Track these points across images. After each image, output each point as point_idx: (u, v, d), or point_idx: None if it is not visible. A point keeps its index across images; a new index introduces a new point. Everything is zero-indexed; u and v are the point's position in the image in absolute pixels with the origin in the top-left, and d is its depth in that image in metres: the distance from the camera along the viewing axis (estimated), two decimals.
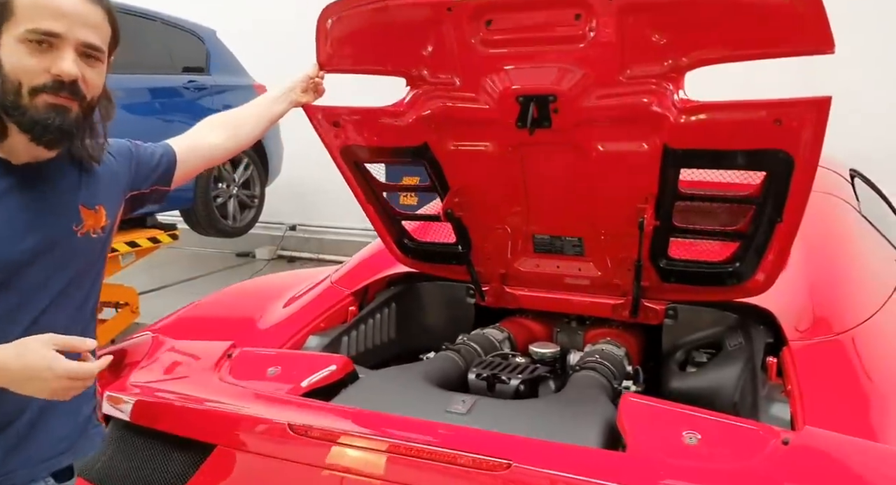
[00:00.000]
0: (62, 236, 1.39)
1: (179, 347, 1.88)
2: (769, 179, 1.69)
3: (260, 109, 1.88)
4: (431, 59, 1.76)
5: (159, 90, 5.29)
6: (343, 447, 1.39)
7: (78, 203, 1.43)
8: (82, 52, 1.32)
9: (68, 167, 1.43)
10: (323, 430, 1.42)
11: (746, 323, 2.00)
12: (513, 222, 2.13)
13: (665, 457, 1.36)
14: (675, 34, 1.53)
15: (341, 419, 1.48)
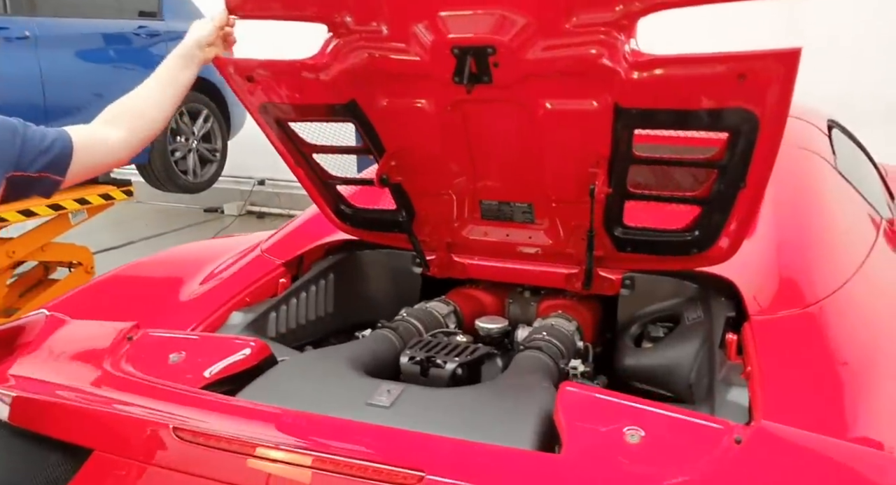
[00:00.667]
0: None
1: (74, 329, 1.69)
2: (732, 141, 1.51)
3: (163, 85, 1.62)
4: (355, 3, 1.55)
5: (105, 36, 4.99)
6: (231, 455, 1.21)
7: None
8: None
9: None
10: (211, 434, 1.24)
11: (707, 294, 1.83)
12: (457, 187, 1.94)
13: (603, 460, 1.20)
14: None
15: (238, 419, 1.31)
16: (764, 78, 1.36)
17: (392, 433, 1.27)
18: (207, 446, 1.23)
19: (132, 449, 1.28)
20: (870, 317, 1.71)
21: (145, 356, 1.56)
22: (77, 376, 1.50)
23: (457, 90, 1.61)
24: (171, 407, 1.35)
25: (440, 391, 1.53)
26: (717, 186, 1.63)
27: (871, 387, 1.44)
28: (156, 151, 5.27)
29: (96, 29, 4.90)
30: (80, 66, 4.71)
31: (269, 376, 1.55)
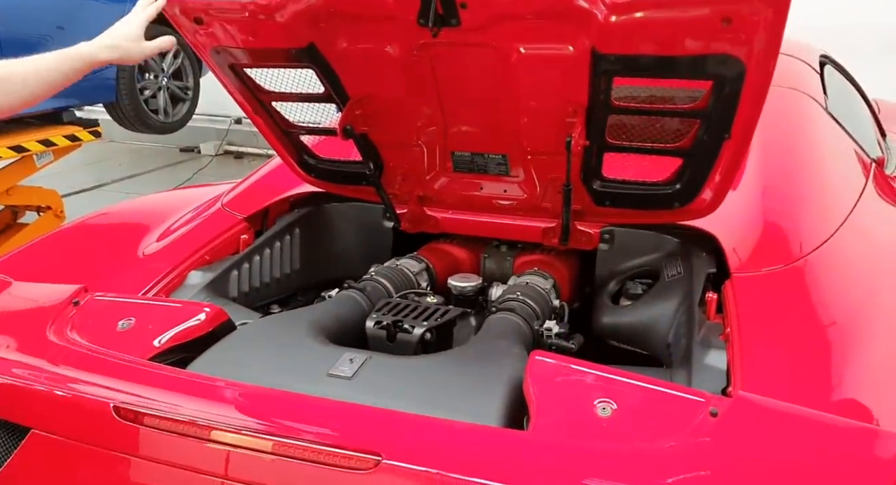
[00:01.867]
0: None
1: (16, 291, 1.59)
2: (717, 89, 1.41)
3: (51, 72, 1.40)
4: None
5: None
6: (176, 437, 1.14)
7: None
8: None
9: None
10: (154, 415, 1.16)
11: (688, 249, 1.75)
12: (427, 138, 1.84)
13: (572, 437, 1.14)
14: None
15: (185, 396, 1.23)
16: (751, 22, 1.26)
17: (351, 411, 1.19)
18: (149, 426, 1.15)
19: (71, 429, 1.20)
20: (858, 271, 1.64)
21: (92, 323, 1.47)
22: (16, 345, 1.40)
23: (423, 33, 1.49)
24: (115, 382, 1.27)
25: (406, 360, 1.45)
26: (700, 137, 1.53)
27: (857, 349, 1.38)
28: (123, 89, 5.05)
29: None
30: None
31: (223, 345, 1.46)
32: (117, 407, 1.17)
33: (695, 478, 1.04)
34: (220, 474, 1.11)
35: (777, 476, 1.04)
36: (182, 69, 5.63)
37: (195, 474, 1.12)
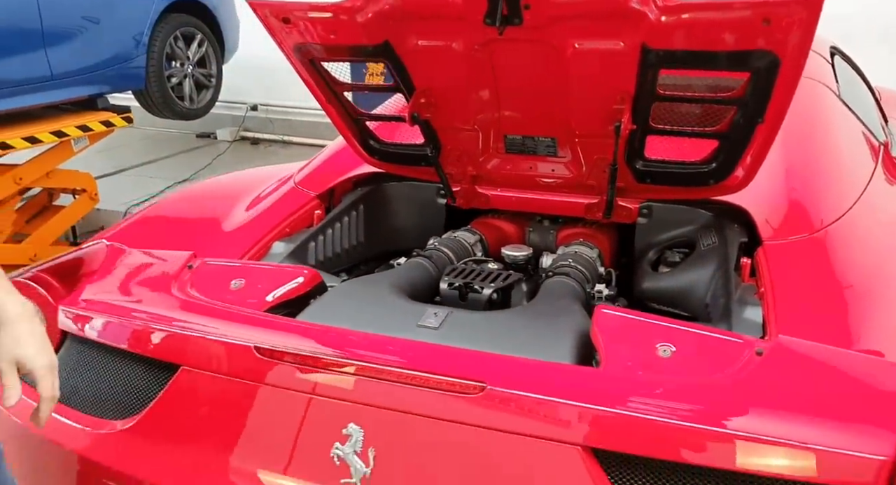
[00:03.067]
0: None
1: (136, 257, 1.80)
2: (753, 80, 1.61)
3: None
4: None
5: None
6: (311, 369, 1.36)
7: None
8: None
9: None
10: (290, 352, 1.38)
11: (721, 222, 1.96)
12: (483, 123, 2.03)
13: (639, 372, 1.35)
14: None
15: (309, 339, 1.44)
16: (787, 22, 1.45)
17: (450, 350, 1.41)
18: (287, 362, 1.37)
19: (218, 366, 1.42)
20: (870, 242, 1.85)
21: (208, 283, 1.68)
22: (150, 300, 1.62)
23: (487, 31, 1.68)
24: (244, 328, 1.48)
25: (482, 314, 1.67)
26: (736, 121, 1.73)
27: (873, 306, 1.59)
28: (152, 77, 5.25)
29: None
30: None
31: (322, 302, 1.68)
32: (258, 347, 1.39)
33: (745, 403, 1.26)
34: (349, 397, 1.33)
35: (816, 400, 1.26)
36: (206, 57, 5.82)
37: (327, 399, 1.34)
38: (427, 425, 1.30)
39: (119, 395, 1.55)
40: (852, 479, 1.12)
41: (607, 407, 1.24)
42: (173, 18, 5.38)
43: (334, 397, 1.34)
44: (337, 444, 1.32)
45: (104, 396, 1.57)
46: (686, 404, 1.26)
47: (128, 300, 1.64)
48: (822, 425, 1.19)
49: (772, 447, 1.15)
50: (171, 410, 1.45)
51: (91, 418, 1.55)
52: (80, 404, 1.58)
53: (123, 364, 1.56)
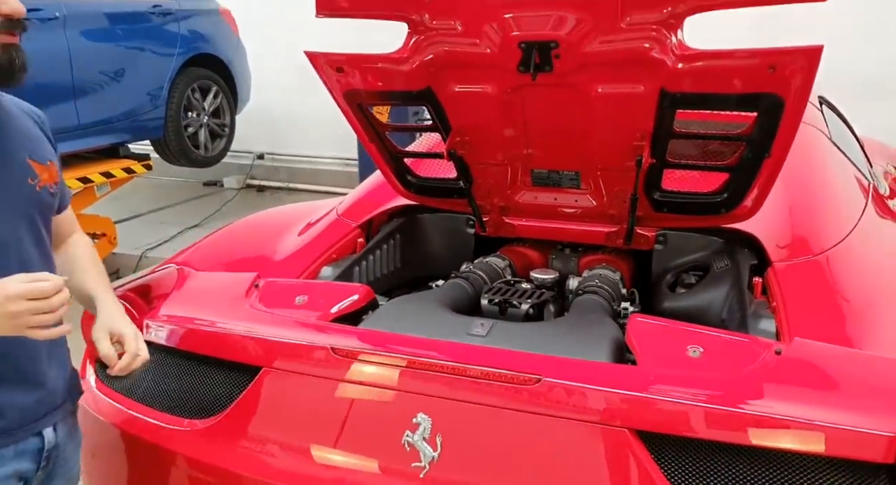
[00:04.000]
0: (18, 190, 1.39)
1: (206, 278, 1.98)
2: (760, 119, 1.80)
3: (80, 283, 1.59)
4: (433, 4, 1.79)
5: (124, 16, 5.15)
6: (384, 367, 1.53)
7: (26, 156, 1.42)
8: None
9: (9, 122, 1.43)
10: (363, 351, 1.55)
11: (732, 247, 2.16)
12: (512, 159, 2.21)
13: (672, 369, 1.53)
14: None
15: (377, 341, 1.61)
16: (791, 68, 1.64)
17: (503, 352, 1.59)
18: (360, 360, 1.54)
19: (298, 365, 1.59)
20: (865, 264, 2.05)
21: (275, 299, 1.86)
22: (227, 313, 1.79)
23: (520, 77, 1.86)
24: (318, 333, 1.65)
25: (523, 324, 1.85)
26: (745, 156, 1.93)
27: (871, 317, 1.79)
28: (170, 126, 5.49)
29: (116, 8, 5.06)
30: (102, 44, 4.89)
31: (378, 315, 1.86)
32: (334, 348, 1.56)
33: (767, 392, 1.43)
34: (418, 391, 1.49)
35: (829, 389, 1.44)
36: (220, 108, 6.08)
37: (397, 392, 1.51)
38: (489, 413, 1.46)
39: (201, 396, 1.71)
40: (865, 453, 1.29)
41: (649, 395, 1.41)
42: (191, 72, 5.65)
43: (404, 390, 1.51)
44: (407, 432, 1.48)
45: (186, 398, 1.72)
46: (716, 392, 1.44)
47: (206, 313, 1.81)
48: (837, 408, 1.37)
49: (793, 428, 1.32)
50: (253, 406, 1.61)
51: (175, 418, 1.70)
52: (164, 405, 1.73)
53: (204, 369, 1.72)
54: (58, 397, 1.47)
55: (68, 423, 1.53)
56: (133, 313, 1.79)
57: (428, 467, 1.46)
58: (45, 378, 1.44)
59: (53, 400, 1.46)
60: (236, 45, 6.24)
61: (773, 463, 1.34)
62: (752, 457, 1.35)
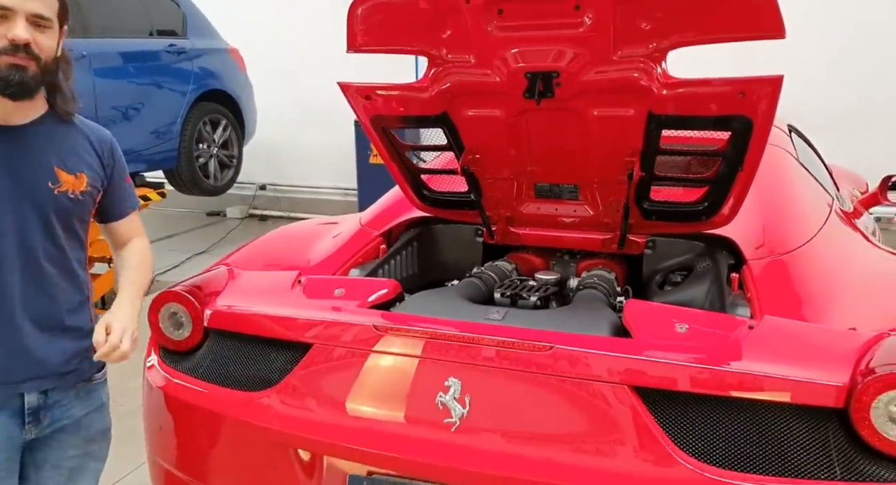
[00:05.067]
0: (39, 192, 1.70)
1: (253, 276, 2.26)
2: (733, 138, 2.08)
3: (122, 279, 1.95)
4: (450, 41, 2.03)
5: (143, 54, 5.49)
6: (419, 340, 1.80)
7: (54, 164, 1.73)
8: (33, 21, 1.63)
9: (45, 133, 1.74)
10: (401, 328, 1.83)
11: (712, 249, 2.46)
12: (518, 174, 2.48)
13: (662, 340, 1.82)
14: (657, 22, 1.84)
15: (411, 321, 1.89)
16: (757, 94, 1.91)
17: (517, 329, 1.87)
18: (399, 335, 1.82)
19: (345, 341, 1.86)
20: (826, 262, 2.35)
21: (317, 291, 2.14)
22: (277, 302, 2.06)
23: (525, 103, 2.12)
24: (359, 315, 1.93)
25: (533, 311, 2.14)
26: (721, 170, 2.23)
27: (826, 302, 2.07)
28: (183, 157, 5.79)
29: (135, 47, 5.40)
30: (123, 81, 5.22)
31: (405, 304, 2.14)
32: (376, 325, 1.84)
33: (742, 354, 1.71)
34: (449, 359, 1.77)
35: (793, 353, 1.72)
36: (229, 140, 6.40)
37: (431, 359, 1.78)
38: (509, 376, 1.74)
39: (256, 371, 1.97)
40: (821, 400, 1.57)
41: (645, 357, 1.70)
42: (203, 106, 5.98)
43: (436, 358, 1.78)
44: (440, 393, 1.75)
45: (244, 373, 1.98)
46: (699, 355, 1.72)
47: (259, 303, 2.08)
48: (798, 366, 1.65)
49: (764, 382, 1.61)
50: (306, 377, 1.88)
51: (235, 391, 1.96)
52: (223, 381, 1.99)
53: (260, 348, 1.99)
54: (48, 369, 1.75)
55: (77, 390, 1.83)
56: (195, 304, 2.05)
57: (458, 421, 1.73)
58: (20, 358, 1.72)
59: (39, 370, 1.74)
60: (244, 82, 6.59)
61: (747, 411, 1.62)
62: (729, 407, 1.63)
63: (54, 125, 1.78)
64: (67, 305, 1.79)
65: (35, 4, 1.63)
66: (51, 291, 1.75)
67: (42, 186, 1.72)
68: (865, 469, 1.54)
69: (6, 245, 1.68)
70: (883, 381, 1.53)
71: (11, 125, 1.71)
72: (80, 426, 1.86)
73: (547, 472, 1.66)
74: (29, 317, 1.72)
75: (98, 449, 1.92)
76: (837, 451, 1.56)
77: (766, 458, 1.59)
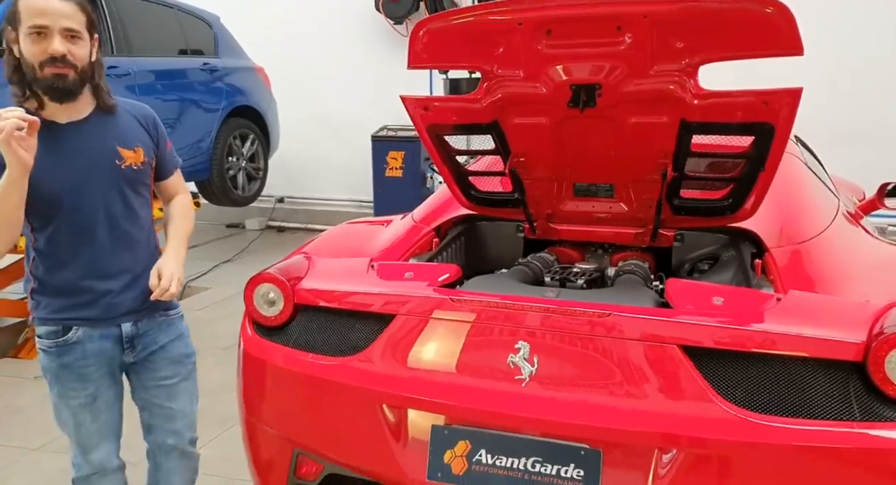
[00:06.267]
0: (111, 169, 2.15)
1: (330, 262, 2.53)
2: (756, 141, 2.33)
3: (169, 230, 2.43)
4: (502, 57, 2.25)
5: (181, 72, 5.79)
6: (492, 309, 2.08)
7: (116, 145, 2.18)
8: (66, 35, 2.00)
9: (101, 123, 2.17)
10: (474, 299, 2.10)
11: (735, 240, 2.74)
12: (559, 175, 2.74)
13: (701, 310, 2.09)
14: (690, 41, 2.06)
15: (480, 295, 2.17)
16: (779, 104, 2.17)
17: (577, 302, 2.14)
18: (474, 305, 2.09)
19: (424, 311, 2.14)
20: (835, 250, 2.62)
21: (389, 274, 2.41)
22: (358, 282, 2.34)
23: (569, 111, 2.33)
24: (434, 291, 2.21)
25: (582, 290, 2.41)
26: (745, 170, 2.51)
27: (840, 281, 2.36)
28: (215, 169, 6.08)
29: (174, 66, 5.71)
30: (163, 97, 5.51)
31: (469, 285, 2.41)
32: (451, 298, 2.11)
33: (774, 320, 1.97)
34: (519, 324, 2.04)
35: (817, 318, 2.00)
36: (256, 153, 6.69)
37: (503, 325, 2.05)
38: (573, 339, 2.01)
39: (343, 340, 2.23)
40: (842, 355, 1.84)
41: (691, 320, 1.98)
42: (233, 121, 6.28)
43: (508, 324, 2.05)
44: (511, 355, 2.01)
45: (331, 342, 2.25)
46: (735, 318, 1.99)
47: (343, 282, 2.35)
48: (822, 328, 1.92)
49: (794, 338, 1.88)
50: (389, 344, 2.14)
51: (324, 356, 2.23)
52: (313, 349, 2.26)
53: (344, 320, 2.25)
54: (134, 305, 2.25)
55: (158, 321, 2.33)
56: (285, 282, 2.32)
57: (528, 378, 1.99)
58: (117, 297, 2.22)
59: (129, 306, 2.24)
60: (269, 98, 6.91)
61: (779, 365, 1.89)
62: (763, 362, 1.90)
63: (105, 115, 2.20)
64: (142, 254, 2.27)
65: (66, 21, 2.00)
66: (130, 244, 2.23)
67: (112, 165, 2.16)
68: (880, 411, 1.81)
69: (97, 215, 2.15)
70: (895, 338, 1.81)
71: (77, 121, 2.13)
72: (166, 351, 2.36)
73: (605, 417, 1.92)
74: (118, 266, 2.21)
75: (185, 371, 2.41)
76: (856, 397, 1.84)
77: (795, 404, 1.86)
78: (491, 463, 2.00)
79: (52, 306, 2.18)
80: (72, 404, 2.22)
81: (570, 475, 1.94)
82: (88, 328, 2.19)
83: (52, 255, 2.15)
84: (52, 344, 2.18)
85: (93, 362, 2.21)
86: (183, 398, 2.41)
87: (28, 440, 3.81)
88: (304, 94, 8.24)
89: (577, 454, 1.94)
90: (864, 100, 7.31)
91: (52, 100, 2.05)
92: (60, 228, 2.13)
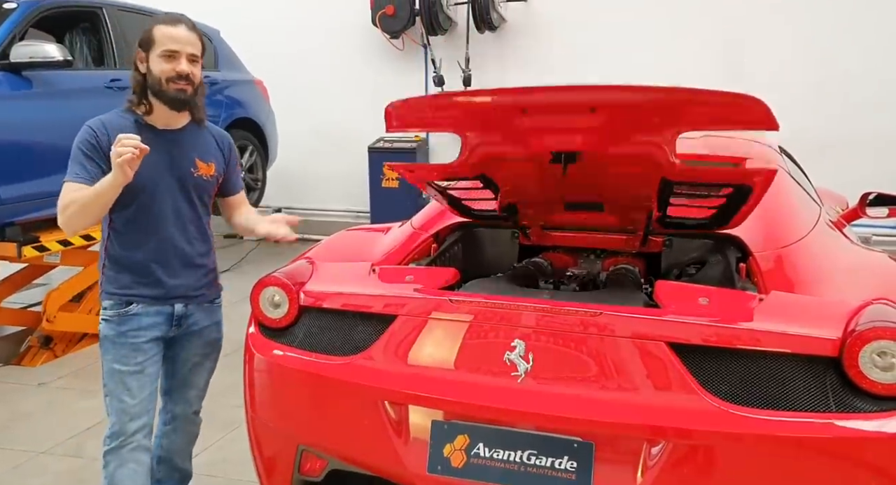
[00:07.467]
0: (185, 175, 2.56)
1: (333, 266, 2.64)
2: (735, 192, 2.38)
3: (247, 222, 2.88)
4: (480, 128, 2.32)
5: None
6: (490, 309, 2.19)
7: (195, 157, 2.59)
8: (190, 58, 2.48)
9: (189, 135, 2.61)
10: (472, 301, 2.21)
11: (722, 245, 2.87)
12: (550, 199, 2.81)
13: (687, 310, 2.20)
14: (668, 118, 2.10)
15: (478, 296, 2.28)
16: (757, 175, 2.28)
17: (570, 303, 2.25)
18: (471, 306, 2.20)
19: (424, 312, 2.24)
20: (815, 254, 2.74)
21: (390, 277, 2.52)
22: (360, 284, 2.44)
23: (553, 166, 2.37)
24: (434, 293, 2.32)
25: (575, 292, 2.53)
26: (730, 199, 2.60)
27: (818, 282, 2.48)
28: None
29: None
30: None
31: (466, 288, 2.52)
32: (450, 299, 2.22)
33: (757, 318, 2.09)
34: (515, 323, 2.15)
35: (797, 315, 2.11)
36: (255, 165, 6.80)
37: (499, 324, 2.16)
38: (566, 337, 2.12)
39: (345, 340, 2.34)
40: (819, 350, 1.96)
41: (677, 319, 2.09)
42: (233, 133, 6.36)
43: (505, 323, 2.17)
44: (507, 352, 2.12)
45: (334, 342, 2.35)
46: (720, 316, 2.10)
47: (347, 285, 2.46)
48: (801, 325, 2.04)
49: (774, 335, 2.00)
50: (391, 343, 2.25)
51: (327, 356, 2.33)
52: (317, 349, 2.36)
53: (347, 321, 2.36)
54: (187, 291, 2.63)
55: (203, 307, 2.72)
56: (290, 286, 2.43)
57: (524, 375, 2.10)
58: (175, 281, 2.59)
59: (184, 292, 2.63)
60: (268, 111, 7.02)
61: (760, 360, 2.00)
62: (745, 357, 2.01)
63: (195, 130, 2.66)
64: (200, 249, 2.67)
65: (192, 48, 2.49)
66: (191, 240, 2.62)
67: (188, 172, 2.58)
68: (854, 404, 1.93)
69: (167, 211, 2.55)
70: (868, 335, 1.93)
71: (171, 129, 2.59)
72: (202, 333, 2.75)
73: (597, 411, 2.03)
74: (179, 257, 2.60)
75: (212, 352, 2.83)
76: (832, 390, 1.95)
77: (775, 396, 1.97)
78: (488, 456, 2.11)
79: (118, 282, 2.56)
80: (123, 370, 2.53)
81: (563, 467, 2.05)
82: (146, 305, 2.56)
83: (126, 235, 2.54)
84: (113, 314, 2.55)
85: (145, 335, 2.56)
86: (202, 375, 2.82)
87: (36, 444, 3.91)
88: (302, 106, 8.37)
89: (570, 447, 2.05)
90: (851, 111, 7.49)
91: (171, 108, 2.51)
92: (137, 215, 2.51)
